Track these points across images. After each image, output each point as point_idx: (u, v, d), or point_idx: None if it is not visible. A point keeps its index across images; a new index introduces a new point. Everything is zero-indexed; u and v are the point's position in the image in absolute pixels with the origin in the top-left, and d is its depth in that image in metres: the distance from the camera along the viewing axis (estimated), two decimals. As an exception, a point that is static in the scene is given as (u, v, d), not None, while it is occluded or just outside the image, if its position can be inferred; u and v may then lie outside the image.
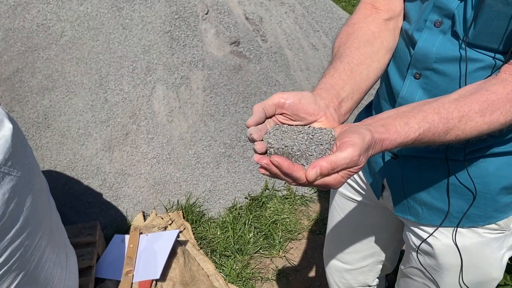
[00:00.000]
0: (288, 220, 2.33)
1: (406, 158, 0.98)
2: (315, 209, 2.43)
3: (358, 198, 1.19)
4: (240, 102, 2.52)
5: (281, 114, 0.70)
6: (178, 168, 2.35)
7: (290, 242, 2.26)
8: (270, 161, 0.62)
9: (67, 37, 2.35)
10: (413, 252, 1.09)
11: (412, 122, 0.70)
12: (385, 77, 0.97)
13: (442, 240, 1.00)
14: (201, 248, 2.16)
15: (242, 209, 2.35)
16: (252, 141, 0.66)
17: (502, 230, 0.97)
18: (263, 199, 2.40)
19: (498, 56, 0.79)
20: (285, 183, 2.51)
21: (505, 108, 0.74)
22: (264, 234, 2.25)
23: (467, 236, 0.98)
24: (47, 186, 1.44)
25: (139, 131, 2.33)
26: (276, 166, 0.62)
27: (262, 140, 0.67)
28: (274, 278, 2.08)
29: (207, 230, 2.26)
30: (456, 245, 0.98)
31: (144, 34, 2.42)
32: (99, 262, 1.94)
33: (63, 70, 2.31)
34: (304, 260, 2.18)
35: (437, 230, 1.00)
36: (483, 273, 1.03)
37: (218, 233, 2.24)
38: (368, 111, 1.12)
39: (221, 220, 2.30)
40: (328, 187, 0.64)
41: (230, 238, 2.21)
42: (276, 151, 0.65)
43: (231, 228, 2.25)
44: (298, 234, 2.29)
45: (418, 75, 0.89)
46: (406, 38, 0.91)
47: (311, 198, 2.47)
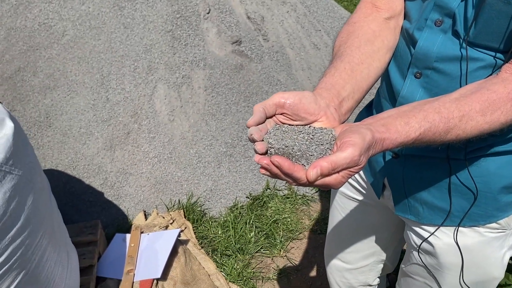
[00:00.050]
0: (289, 219, 2.33)
1: (407, 157, 0.98)
2: (316, 208, 2.43)
3: (359, 198, 1.19)
4: (241, 102, 2.52)
5: (281, 114, 0.70)
6: (180, 167, 2.35)
7: (291, 241, 2.26)
8: (271, 161, 0.62)
9: (69, 36, 2.35)
10: (414, 251, 1.08)
11: (412, 121, 0.69)
12: (385, 76, 0.97)
13: (443, 239, 1.00)
14: (202, 247, 2.16)
15: (243, 208, 2.35)
16: (252, 141, 0.66)
17: (503, 229, 0.97)
18: (264, 199, 2.40)
19: (498, 55, 0.79)
20: (286, 183, 2.50)
21: (506, 107, 0.74)
22: (265, 234, 2.25)
23: (468, 235, 0.98)
24: (49, 185, 1.44)
25: (141, 130, 2.33)
26: (276, 167, 0.62)
27: (262, 140, 0.66)
28: (275, 277, 2.08)
29: (208, 229, 2.26)
30: (457, 244, 0.98)
31: (145, 33, 2.42)
32: (100, 261, 1.94)
33: (65, 69, 2.32)
34: (305, 259, 2.18)
35: (438, 229, 1.00)
36: (484, 272, 1.02)
37: (219, 232, 2.24)
38: (368, 111, 1.11)
39: (222, 219, 2.30)
40: (328, 187, 0.64)
41: (231, 238, 2.21)
42: (276, 151, 0.65)
43: (232, 227, 2.25)
44: (299, 233, 2.29)
45: (418, 74, 0.89)
46: (407, 37, 0.91)
47: (312, 197, 2.47)
